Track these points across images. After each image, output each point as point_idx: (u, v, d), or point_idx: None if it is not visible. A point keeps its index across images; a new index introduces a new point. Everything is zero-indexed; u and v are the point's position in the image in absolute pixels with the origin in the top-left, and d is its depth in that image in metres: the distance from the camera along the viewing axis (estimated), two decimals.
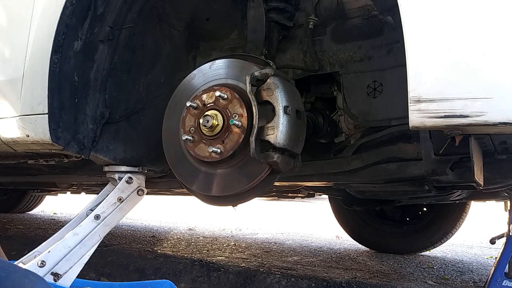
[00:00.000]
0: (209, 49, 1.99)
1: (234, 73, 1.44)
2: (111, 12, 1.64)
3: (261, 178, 1.37)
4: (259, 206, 8.01)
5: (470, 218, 3.48)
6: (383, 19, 1.59)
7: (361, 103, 1.69)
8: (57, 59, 1.53)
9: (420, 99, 1.03)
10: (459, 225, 3.37)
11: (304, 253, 3.47)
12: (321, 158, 1.84)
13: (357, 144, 1.78)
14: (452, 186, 2.02)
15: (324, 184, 2.28)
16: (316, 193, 3.30)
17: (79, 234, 1.53)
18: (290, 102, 1.36)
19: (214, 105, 1.36)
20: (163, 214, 6.60)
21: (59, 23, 1.53)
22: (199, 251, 3.36)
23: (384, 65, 1.64)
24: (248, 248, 3.61)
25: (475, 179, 1.30)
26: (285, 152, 1.36)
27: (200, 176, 1.46)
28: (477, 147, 1.31)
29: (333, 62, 1.74)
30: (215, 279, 2.41)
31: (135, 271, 2.62)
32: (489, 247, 3.59)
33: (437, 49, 1.02)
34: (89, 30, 1.60)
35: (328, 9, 1.74)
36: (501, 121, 0.97)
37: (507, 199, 2.21)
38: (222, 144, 1.35)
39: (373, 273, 2.68)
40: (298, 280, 2.25)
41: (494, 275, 1.93)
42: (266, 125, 1.33)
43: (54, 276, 1.47)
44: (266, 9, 1.69)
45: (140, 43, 1.79)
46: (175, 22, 1.89)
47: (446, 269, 2.92)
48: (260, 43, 1.68)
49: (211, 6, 1.90)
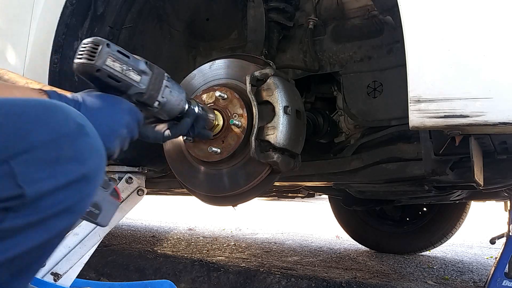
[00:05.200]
0: (209, 49, 1.99)
1: (234, 73, 1.44)
2: (111, 12, 1.64)
3: (261, 178, 1.37)
4: (259, 206, 8.01)
5: (470, 218, 3.48)
6: (383, 19, 1.59)
7: (361, 103, 1.69)
8: (57, 59, 1.54)
9: (420, 99, 1.03)
10: (459, 225, 3.37)
11: (304, 253, 3.47)
12: (321, 158, 1.84)
13: (357, 144, 1.78)
14: (452, 186, 2.02)
15: (324, 184, 2.28)
16: (316, 193, 3.30)
17: (79, 234, 1.53)
18: (290, 102, 1.36)
19: (214, 105, 1.36)
20: (163, 214, 6.60)
21: (59, 23, 1.53)
22: (199, 251, 3.36)
23: (384, 65, 1.64)
24: (248, 248, 3.61)
25: (475, 179, 1.30)
26: (285, 152, 1.36)
27: (200, 176, 1.46)
28: (477, 147, 1.31)
29: (333, 62, 1.74)
30: (215, 279, 2.41)
31: (135, 271, 2.62)
32: (489, 247, 3.59)
33: (437, 49, 1.02)
34: (89, 30, 1.60)
35: (328, 9, 1.74)
36: (501, 121, 0.97)
37: (507, 199, 2.21)
38: (222, 144, 1.35)
39: (373, 273, 2.68)
40: (298, 280, 2.25)
41: (494, 275, 1.93)
42: (266, 125, 1.33)
43: (54, 276, 1.47)
44: (266, 9, 1.69)
45: (140, 43, 1.79)
46: (175, 22, 1.89)
47: (446, 269, 2.92)
48: (260, 43, 1.68)
49: (211, 6, 1.90)
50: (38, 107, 0.67)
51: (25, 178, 0.62)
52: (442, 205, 3.31)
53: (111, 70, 0.95)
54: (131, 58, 0.99)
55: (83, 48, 0.94)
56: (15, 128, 0.63)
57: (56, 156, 0.65)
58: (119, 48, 0.97)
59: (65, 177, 0.66)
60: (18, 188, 0.62)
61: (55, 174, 0.65)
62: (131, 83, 0.99)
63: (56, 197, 0.65)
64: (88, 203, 0.72)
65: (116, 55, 0.95)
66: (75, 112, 0.72)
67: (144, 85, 1.01)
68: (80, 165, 0.68)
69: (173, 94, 1.09)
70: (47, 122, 0.66)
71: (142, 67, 1.01)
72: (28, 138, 0.64)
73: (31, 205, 0.63)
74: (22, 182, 0.62)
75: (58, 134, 0.66)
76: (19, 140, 0.63)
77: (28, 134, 0.64)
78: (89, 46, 0.94)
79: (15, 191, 0.62)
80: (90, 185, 0.70)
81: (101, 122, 0.87)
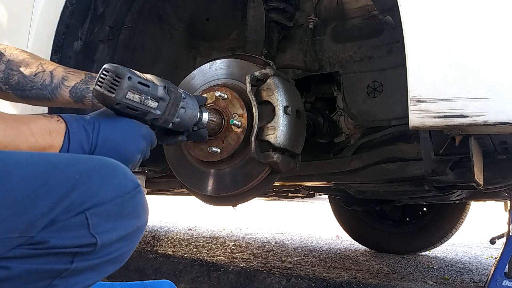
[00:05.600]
0: (209, 49, 1.99)
1: (234, 73, 1.44)
2: (111, 12, 1.64)
3: (261, 178, 1.37)
4: (259, 206, 8.01)
5: (470, 218, 3.48)
6: (383, 19, 1.59)
7: (361, 103, 1.69)
8: (57, 59, 1.54)
9: (420, 99, 1.03)
10: (459, 225, 3.37)
11: (304, 253, 3.47)
12: (321, 158, 1.84)
13: (357, 144, 1.78)
14: (452, 186, 2.02)
15: (324, 184, 2.28)
16: (316, 193, 3.30)
17: None
18: (290, 102, 1.36)
19: (214, 105, 1.36)
20: (163, 214, 6.60)
21: (59, 23, 1.53)
22: (199, 251, 3.37)
23: (384, 65, 1.64)
24: (248, 248, 3.61)
25: (475, 179, 1.30)
26: (285, 152, 1.36)
27: (200, 176, 1.46)
28: (477, 147, 1.31)
29: (333, 62, 1.74)
30: (215, 279, 2.41)
31: (135, 271, 2.62)
32: (489, 247, 3.59)
33: (437, 49, 1.02)
34: (89, 30, 1.60)
35: (328, 9, 1.74)
36: (501, 121, 0.97)
37: (507, 199, 2.21)
38: (222, 144, 1.35)
39: (373, 273, 2.68)
40: (298, 280, 2.25)
41: (494, 275, 1.93)
42: (266, 125, 1.33)
43: None
44: (266, 9, 1.69)
45: (140, 43, 1.79)
46: (175, 22, 1.89)
47: (446, 269, 2.92)
48: (260, 43, 1.68)
49: (211, 6, 1.90)
50: (104, 167, 0.77)
51: (96, 228, 0.72)
52: (442, 205, 3.31)
53: (130, 102, 0.94)
54: (151, 87, 0.99)
55: (104, 76, 0.93)
56: (88, 186, 0.73)
57: (120, 211, 0.76)
58: (140, 79, 0.97)
59: (124, 230, 0.76)
60: (92, 237, 0.72)
61: (118, 226, 0.75)
62: (148, 110, 0.99)
63: (114, 246, 0.75)
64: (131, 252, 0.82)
65: (136, 88, 0.95)
66: (130, 172, 0.81)
67: (161, 112, 1.01)
68: (136, 220, 0.79)
69: (187, 113, 1.09)
70: (112, 181, 0.76)
71: (160, 94, 1.00)
72: (98, 195, 0.73)
73: (97, 252, 0.73)
74: (94, 232, 0.72)
75: (121, 192, 0.76)
76: (92, 196, 0.73)
77: (98, 191, 0.74)
78: (110, 76, 0.93)
79: (90, 240, 0.72)
80: (139, 237, 0.81)
81: (117, 149, 0.92)
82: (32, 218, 0.68)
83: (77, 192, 0.71)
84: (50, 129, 0.84)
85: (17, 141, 0.79)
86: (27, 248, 0.68)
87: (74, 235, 0.70)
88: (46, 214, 0.69)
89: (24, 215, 0.68)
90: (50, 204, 0.69)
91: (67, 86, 1.13)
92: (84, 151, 0.87)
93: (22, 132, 0.80)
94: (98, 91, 0.93)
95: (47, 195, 0.70)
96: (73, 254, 0.71)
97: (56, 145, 0.84)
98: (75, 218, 0.71)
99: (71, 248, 0.71)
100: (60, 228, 0.70)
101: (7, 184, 0.69)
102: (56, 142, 0.84)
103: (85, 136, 0.88)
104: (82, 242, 0.71)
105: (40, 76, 1.14)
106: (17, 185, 0.69)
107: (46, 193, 0.70)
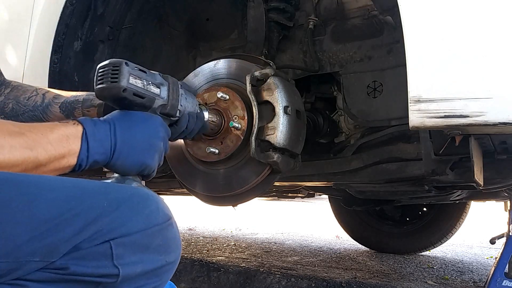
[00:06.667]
0: (209, 49, 1.99)
1: (234, 73, 1.44)
2: (111, 12, 1.64)
3: (261, 178, 1.37)
4: (259, 206, 8.01)
5: (470, 218, 3.48)
6: (383, 19, 1.59)
7: (361, 103, 1.69)
8: (57, 59, 1.54)
9: (420, 99, 1.03)
10: (459, 225, 3.37)
11: (304, 253, 3.47)
12: (321, 158, 1.84)
13: (357, 144, 1.78)
14: (452, 186, 2.02)
15: (324, 184, 2.27)
16: (316, 193, 3.30)
17: None
18: (290, 102, 1.36)
19: (215, 105, 1.36)
20: None
21: (59, 23, 1.53)
22: (199, 251, 3.37)
23: (384, 65, 1.64)
24: (248, 248, 3.61)
25: (475, 179, 1.30)
26: (285, 152, 1.36)
27: (199, 175, 1.46)
28: (477, 147, 1.31)
29: (333, 62, 1.74)
30: (215, 279, 2.41)
31: None
32: (489, 247, 3.59)
33: (437, 49, 1.02)
34: (89, 30, 1.60)
35: (328, 9, 1.74)
36: (501, 121, 0.97)
37: (507, 199, 2.21)
38: (220, 145, 1.35)
39: (373, 273, 2.68)
40: (298, 280, 2.25)
41: (494, 275, 1.93)
42: (266, 125, 1.33)
43: None
44: (266, 9, 1.69)
45: (140, 43, 1.79)
46: (175, 22, 1.89)
47: (446, 269, 2.92)
48: (260, 43, 1.68)
49: (211, 6, 1.90)
50: (135, 196, 0.75)
51: (120, 259, 0.69)
52: (442, 205, 3.31)
53: (135, 88, 0.94)
54: (148, 72, 0.99)
55: (102, 72, 0.93)
56: (116, 214, 0.70)
57: (148, 243, 0.72)
58: (136, 65, 0.97)
59: (151, 264, 0.73)
60: (115, 268, 0.69)
61: (144, 260, 0.72)
62: (154, 96, 0.99)
63: (139, 281, 0.72)
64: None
65: (136, 72, 0.95)
66: (164, 203, 0.78)
67: (165, 96, 1.01)
68: (165, 255, 0.75)
69: (188, 101, 1.10)
70: (142, 211, 0.73)
71: (158, 79, 1.01)
72: (126, 225, 0.70)
73: (119, 285, 0.70)
74: (118, 263, 0.69)
75: (151, 223, 0.73)
76: (120, 226, 0.70)
77: (126, 221, 0.71)
78: (108, 69, 0.93)
79: (112, 271, 0.69)
80: (169, 274, 0.78)
81: (138, 139, 0.91)
82: (56, 242, 0.66)
83: (104, 220, 0.69)
84: (68, 134, 0.82)
85: (36, 152, 0.77)
86: (48, 271, 0.67)
87: (96, 264, 0.68)
88: (69, 239, 0.67)
89: (47, 239, 0.66)
90: (75, 230, 0.67)
91: (57, 102, 1.15)
92: (104, 148, 0.86)
93: (39, 143, 0.79)
94: (102, 87, 0.92)
95: (73, 220, 0.68)
96: (95, 284, 0.69)
97: (75, 149, 0.83)
98: (99, 246, 0.68)
99: (91, 277, 0.68)
100: (82, 255, 0.68)
101: (34, 206, 0.67)
102: (74, 146, 0.83)
103: (103, 134, 0.87)
104: (103, 272, 0.68)
105: (33, 99, 1.15)
106: (43, 207, 0.67)
107: (72, 218, 0.68)
